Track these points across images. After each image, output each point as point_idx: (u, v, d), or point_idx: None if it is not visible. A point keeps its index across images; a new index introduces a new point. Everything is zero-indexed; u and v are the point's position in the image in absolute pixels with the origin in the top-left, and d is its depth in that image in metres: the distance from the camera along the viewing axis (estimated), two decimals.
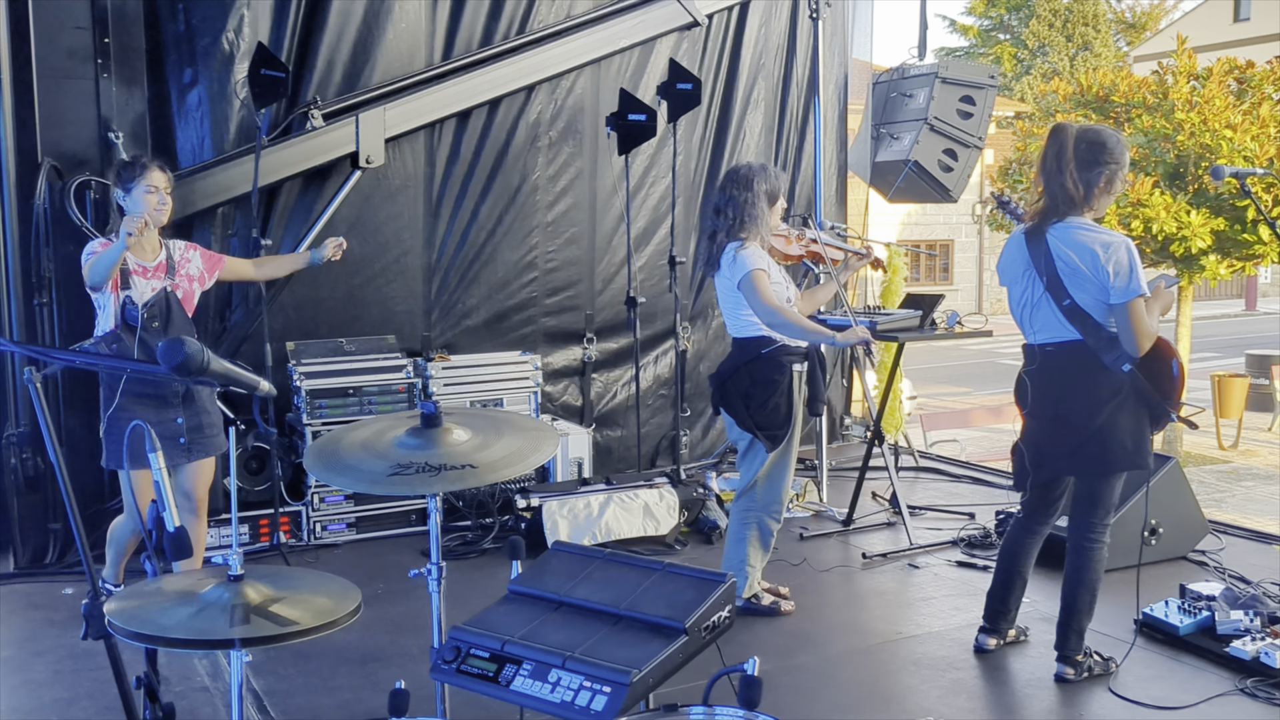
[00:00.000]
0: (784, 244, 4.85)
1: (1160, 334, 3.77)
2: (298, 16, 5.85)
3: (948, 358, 21.81)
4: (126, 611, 2.04)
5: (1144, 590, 4.29)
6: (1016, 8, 44.23)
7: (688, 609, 2.19)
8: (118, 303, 4.33)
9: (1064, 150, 3.74)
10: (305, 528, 5.73)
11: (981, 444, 12.22)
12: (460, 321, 6.54)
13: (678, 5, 6.89)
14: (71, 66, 5.46)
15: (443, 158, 6.36)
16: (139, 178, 4.33)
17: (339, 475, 2.41)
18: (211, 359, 1.93)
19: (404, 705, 2.34)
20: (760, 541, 4.56)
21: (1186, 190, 11.26)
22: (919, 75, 7.12)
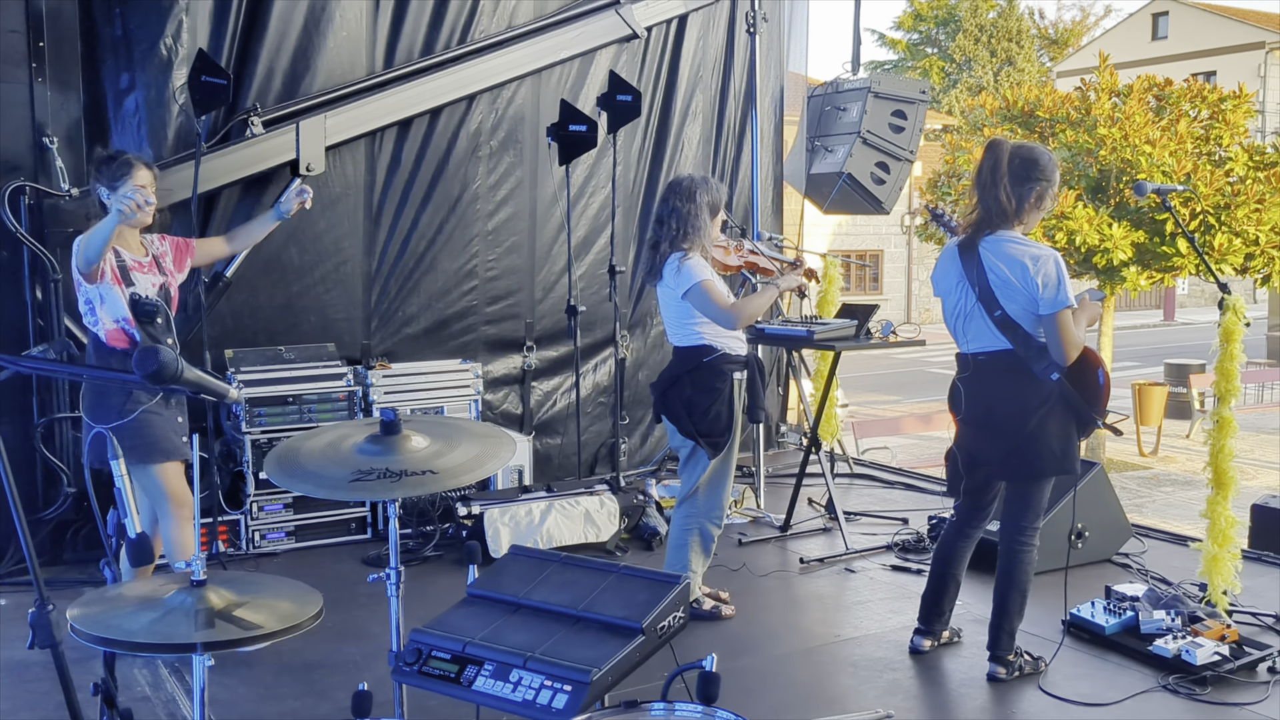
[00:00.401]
0: (723, 255, 4.95)
1: (1087, 344, 3.92)
2: (237, 23, 5.82)
3: (878, 366, 22.15)
4: (89, 617, 2.05)
5: (1071, 592, 4.44)
6: (943, 22, 45.11)
7: (644, 610, 2.26)
8: (125, 296, 4.23)
9: (999, 164, 3.88)
10: (244, 536, 5.69)
11: (912, 451, 12.45)
12: (400, 329, 6.54)
13: (617, 18, 6.96)
14: (4, 70, 5.38)
15: (383, 166, 6.37)
16: (126, 176, 4.24)
17: (300, 481, 2.44)
18: (185, 367, 1.95)
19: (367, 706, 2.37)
20: (702, 547, 4.63)
21: (1108, 203, 11.60)
22: (852, 89, 7.28)
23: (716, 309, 4.40)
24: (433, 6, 6.38)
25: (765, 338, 5.88)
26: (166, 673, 4.20)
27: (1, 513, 5.44)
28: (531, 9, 6.76)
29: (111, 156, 4.33)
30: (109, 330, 4.26)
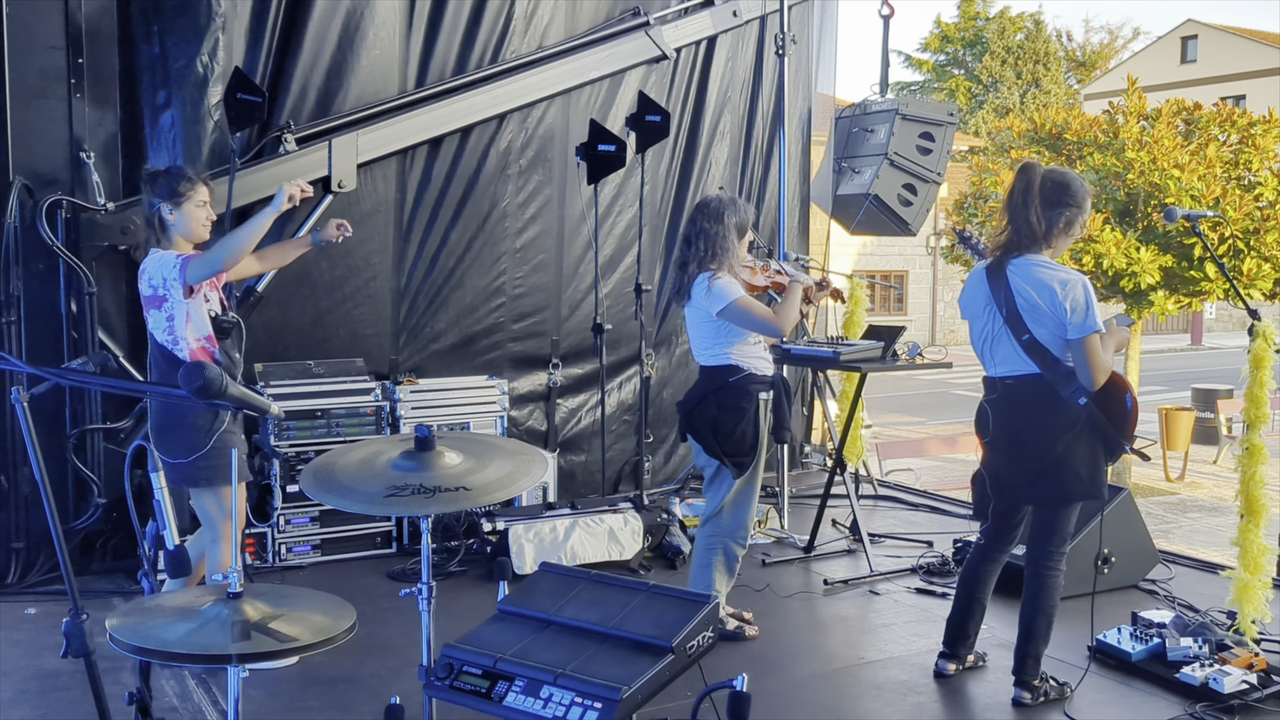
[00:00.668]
0: (750, 275, 4.95)
1: (1115, 369, 3.91)
2: (272, 41, 5.90)
3: (902, 387, 22.09)
4: (128, 626, 2.09)
5: (1097, 617, 4.42)
6: (970, 44, 45.11)
7: (674, 629, 2.27)
8: (207, 310, 4.21)
9: (1031, 187, 3.89)
10: (270, 549, 5.74)
11: (936, 473, 12.41)
12: (428, 345, 6.59)
13: (647, 39, 7.02)
14: (44, 86, 5.47)
15: (414, 184, 6.43)
16: (191, 192, 4.22)
17: (336, 496, 2.47)
18: (229, 382, 1.99)
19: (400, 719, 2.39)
20: (726, 567, 4.64)
21: (1136, 227, 11.56)
22: (880, 111, 7.30)
23: (759, 320, 4.43)
24: (465, 26, 6.45)
25: (791, 358, 5.89)
26: (194, 684, 4.24)
27: (32, 523, 5.54)
28: (563, 29, 6.83)
29: (171, 171, 4.32)
30: (194, 349, 4.19)
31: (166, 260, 4.15)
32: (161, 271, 4.13)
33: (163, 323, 4.16)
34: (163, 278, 4.13)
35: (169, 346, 4.17)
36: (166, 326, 4.16)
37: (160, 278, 4.13)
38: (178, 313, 4.15)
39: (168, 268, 4.13)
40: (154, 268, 4.16)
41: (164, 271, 4.13)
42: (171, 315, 4.15)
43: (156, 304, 4.16)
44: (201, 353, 4.21)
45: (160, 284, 4.13)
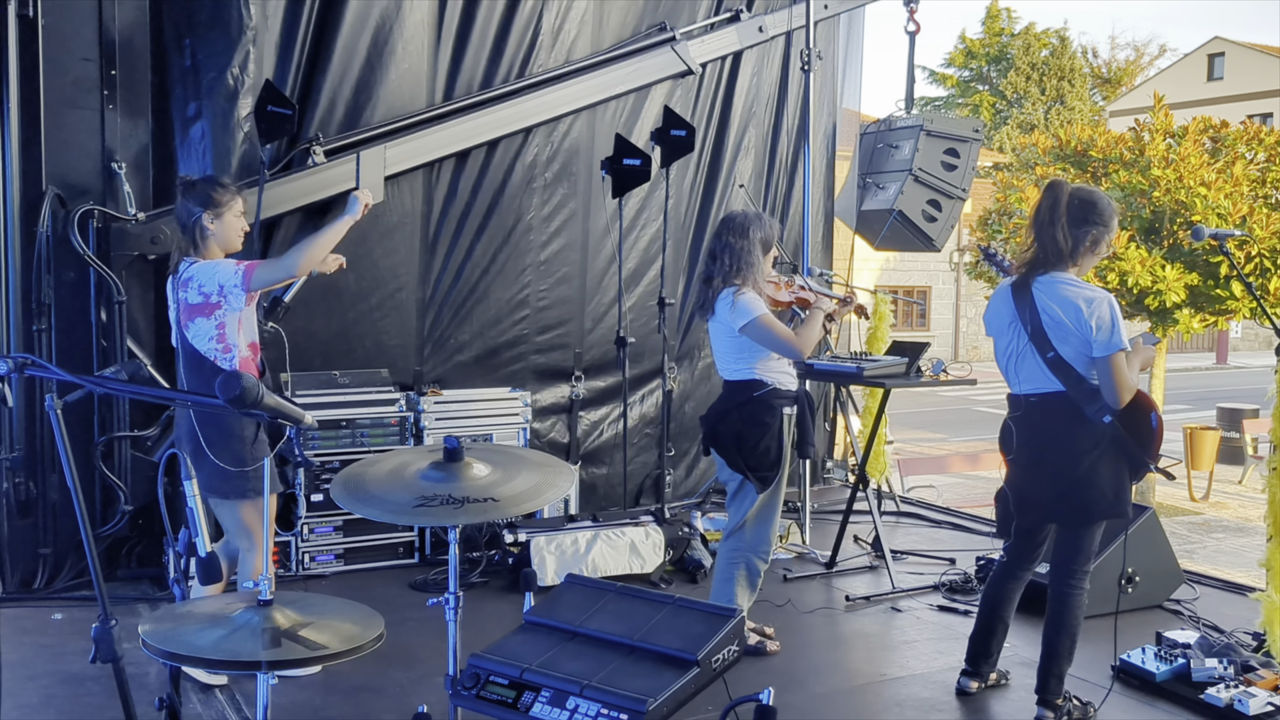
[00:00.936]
0: (775, 290, 4.96)
1: (1140, 388, 3.90)
2: (302, 55, 5.96)
3: (924, 403, 22.01)
4: (160, 632, 2.11)
5: (1121, 637, 4.40)
6: (995, 60, 45.02)
7: (699, 641, 2.28)
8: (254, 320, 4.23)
9: (1058, 205, 3.89)
10: (294, 558, 5.77)
11: (958, 490, 12.34)
12: (452, 357, 6.62)
13: (673, 54, 7.05)
14: (78, 97, 5.55)
15: (440, 196, 6.47)
16: (231, 202, 4.23)
17: (366, 505, 2.49)
18: (265, 392, 2.02)
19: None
20: (748, 581, 4.63)
21: (1162, 245, 11.49)
22: (905, 127, 7.31)
23: (779, 340, 4.43)
24: (493, 41, 6.50)
25: (814, 373, 5.90)
26: (218, 691, 4.27)
27: (59, 529, 5.59)
28: (589, 44, 6.87)
29: (210, 180, 4.31)
30: (243, 357, 4.18)
31: (224, 268, 4.13)
32: (218, 279, 4.10)
33: (211, 330, 4.12)
34: (218, 284, 4.09)
35: (212, 355, 4.13)
36: (215, 334, 4.13)
37: (215, 285, 4.10)
38: (229, 320, 4.13)
39: (227, 275, 4.10)
40: (206, 276, 4.12)
41: (221, 279, 4.10)
42: (223, 323, 4.12)
43: (205, 311, 4.12)
44: (249, 362, 4.21)
45: (215, 291, 4.10)
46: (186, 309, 4.13)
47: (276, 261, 4.27)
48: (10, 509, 5.42)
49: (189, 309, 4.13)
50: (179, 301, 4.16)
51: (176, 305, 4.18)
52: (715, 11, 7.37)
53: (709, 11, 7.34)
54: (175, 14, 5.75)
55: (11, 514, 5.43)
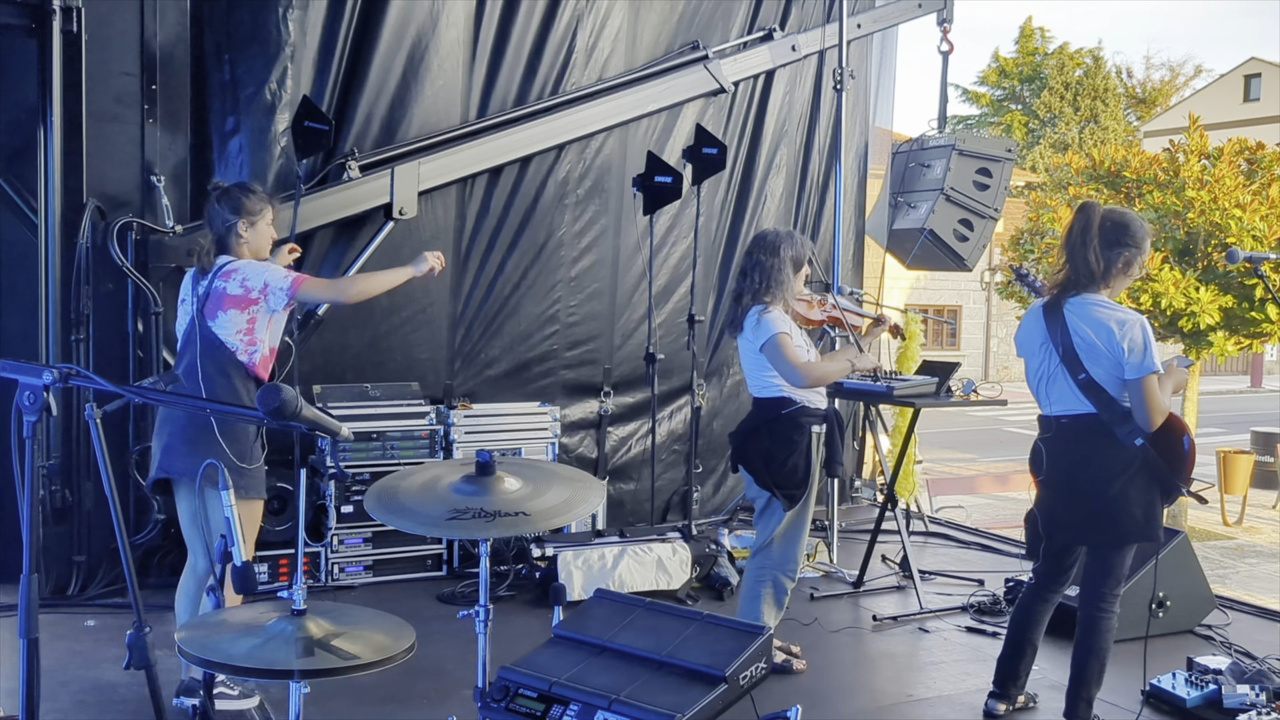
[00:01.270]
0: (806, 309, 4.97)
1: (1172, 410, 3.88)
2: (339, 71, 6.04)
3: (954, 423, 21.89)
4: (195, 639, 2.14)
5: (1151, 662, 4.36)
6: (1029, 79, 44.87)
7: (728, 658, 2.29)
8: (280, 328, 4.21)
9: (1090, 227, 3.88)
10: (323, 569, 5.81)
11: (987, 511, 12.27)
12: (482, 371, 6.66)
13: (705, 72, 7.09)
14: (119, 111, 5.64)
15: (473, 211, 6.53)
16: (265, 210, 4.22)
17: (398, 517, 2.52)
18: (303, 404, 2.05)
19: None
20: (775, 599, 4.63)
21: (1196, 267, 11.41)
22: (937, 147, 7.32)
23: (786, 364, 4.43)
24: (527, 59, 6.56)
25: (844, 392, 5.89)
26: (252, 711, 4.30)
27: (94, 537, 5.65)
28: (622, 62, 6.92)
29: (245, 187, 4.26)
30: (265, 355, 4.16)
31: (275, 271, 4.13)
32: (265, 278, 4.08)
33: (240, 323, 4.07)
34: (264, 282, 4.07)
35: (235, 348, 4.08)
36: (244, 327, 4.08)
37: (261, 282, 4.07)
38: (261, 317, 4.10)
39: (276, 277, 4.09)
40: (253, 272, 4.09)
41: (269, 278, 4.08)
42: (254, 319, 4.09)
43: (241, 305, 4.07)
44: (267, 361, 4.20)
45: (258, 287, 4.07)
46: (219, 298, 4.07)
47: (329, 283, 4.34)
48: (46, 516, 5.49)
49: (223, 298, 4.07)
50: (210, 292, 4.08)
51: (202, 297, 4.09)
52: (748, 30, 7.41)
53: (742, 30, 7.38)
54: (215, 29, 5.84)
55: (47, 521, 5.49)
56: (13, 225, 5.61)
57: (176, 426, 4.09)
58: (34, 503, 2.09)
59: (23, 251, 5.54)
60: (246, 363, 4.11)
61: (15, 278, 5.60)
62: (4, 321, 5.66)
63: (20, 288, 5.56)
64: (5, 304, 5.67)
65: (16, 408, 2.12)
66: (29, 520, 2.10)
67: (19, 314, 5.58)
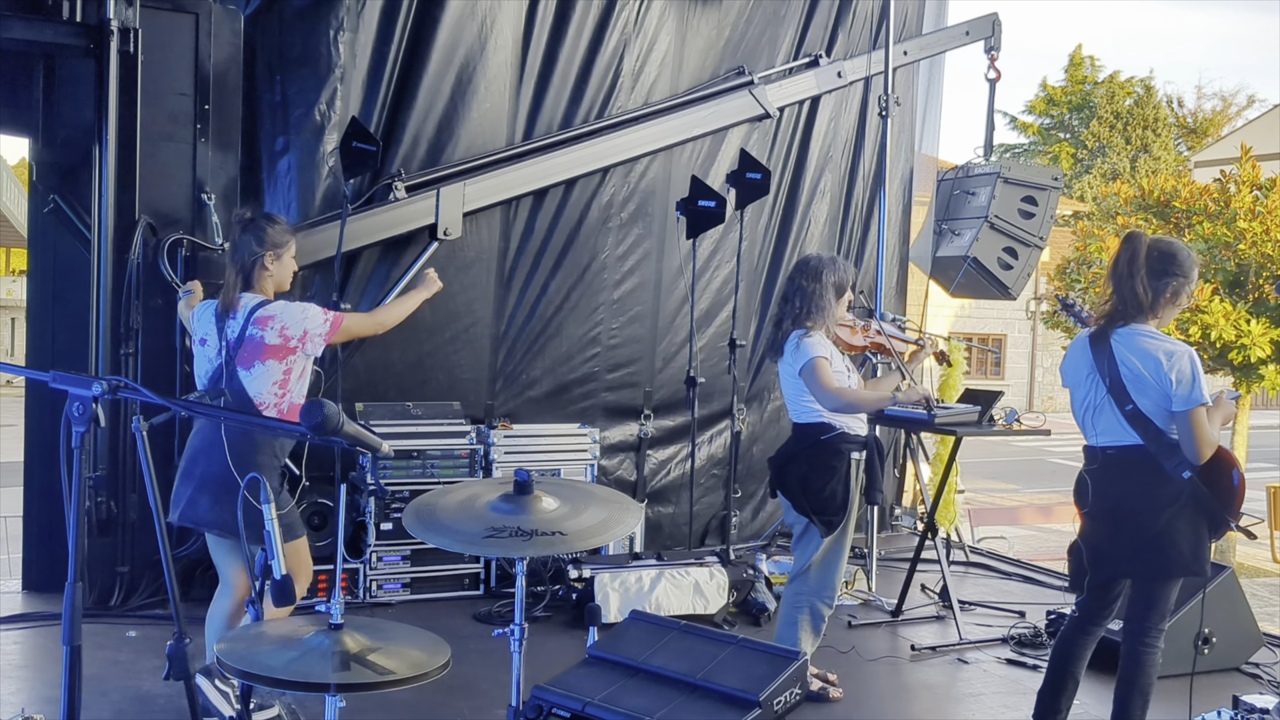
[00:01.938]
0: (849, 334, 4.95)
1: (1221, 444, 3.82)
2: (388, 92, 6.12)
3: (997, 453, 21.67)
4: (234, 652, 2.16)
5: (1196, 699, 4.28)
6: (1077, 108, 44.55)
7: (762, 683, 2.28)
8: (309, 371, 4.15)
9: (1136, 256, 3.85)
10: (362, 585, 5.85)
11: (1030, 543, 12.11)
12: (523, 392, 6.69)
13: (750, 98, 7.10)
14: (172, 130, 5.74)
15: (517, 233, 6.58)
16: (290, 243, 4.15)
17: (436, 535, 2.53)
18: (345, 420, 2.07)
19: None
20: (812, 626, 4.59)
21: (1247, 299, 11.26)
22: (982, 174, 7.28)
23: (822, 388, 4.41)
24: (574, 82, 6.62)
25: (885, 419, 5.85)
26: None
27: (137, 548, 5.72)
28: (668, 87, 6.96)
29: (268, 218, 4.18)
30: (294, 404, 4.04)
31: (314, 314, 4.03)
32: (304, 324, 3.99)
33: (277, 374, 3.98)
34: (303, 329, 3.98)
35: (266, 403, 3.97)
36: (280, 379, 3.99)
37: (300, 329, 3.98)
38: (297, 367, 4.03)
39: (315, 322, 4.01)
40: (292, 319, 3.99)
41: (307, 324, 4.00)
42: (290, 369, 4.01)
43: (279, 355, 3.97)
44: (295, 411, 4.01)
45: (298, 335, 3.97)
46: (256, 347, 3.95)
47: (368, 318, 4.46)
48: (91, 527, 5.57)
49: (261, 348, 3.95)
50: (244, 339, 3.95)
51: (233, 344, 3.96)
52: (794, 56, 7.42)
53: (788, 56, 7.39)
54: (267, 51, 5.94)
55: (92, 532, 5.57)
56: (67, 241, 5.72)
57: (208, 479, 3.95)
58: (80, 512, 2.12)
59: (76, 267, 5.65)
60: (276, 414, 3.98)
61: (68, 293, 5.71)
62: (56, 335, 5.76)
63: (73, 302, 5.66)
64: (58, 318, 5.77)
65: (66, 418, 2.15)
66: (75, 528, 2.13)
67: (71, 328, 5.68)
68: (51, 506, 5.55)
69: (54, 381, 2.25)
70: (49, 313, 5.79)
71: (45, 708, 4.25)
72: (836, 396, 4.41)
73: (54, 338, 5.76)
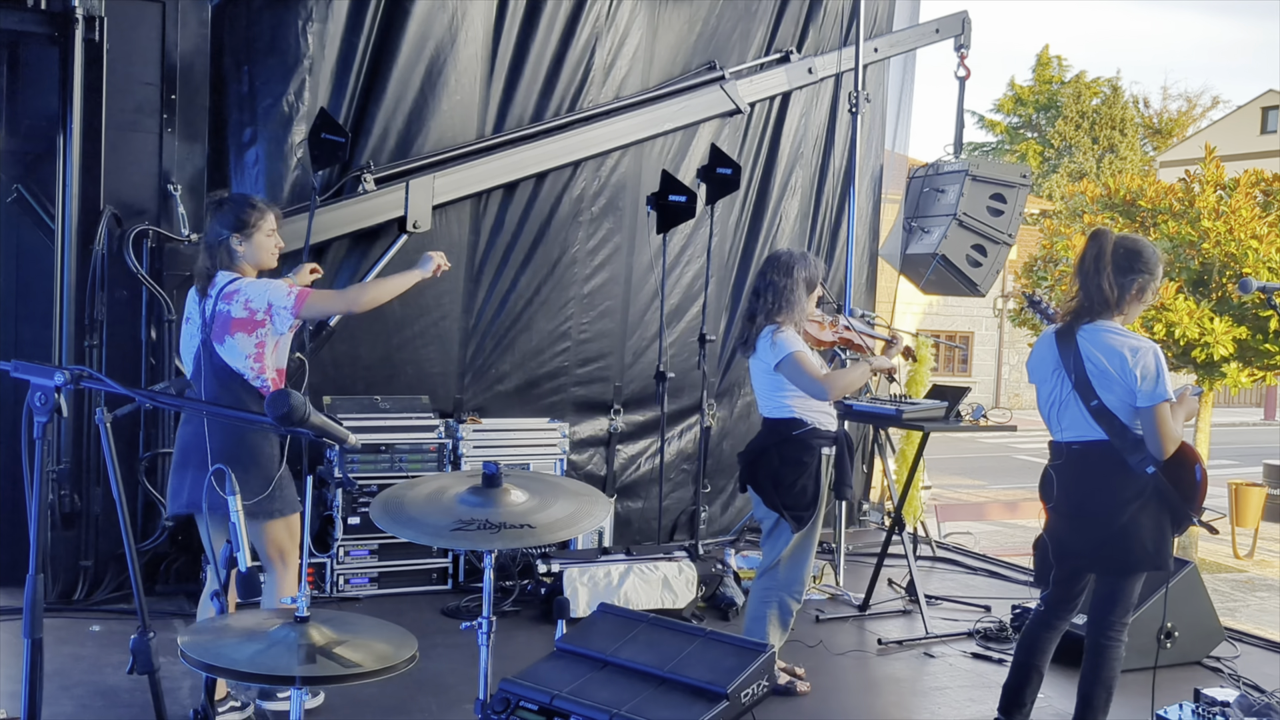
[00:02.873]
0: (818, 330, 4.97)
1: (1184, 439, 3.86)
2: (357, 84, 6.07)
3: (963, 450, 21.81)
4: (199, 644, 2.14)
5: (1158, 693, 4.32)
6: (1045, 107, 44.88)
7: (730, 675, 2.28)
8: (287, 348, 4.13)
9: (1103, 254, 3.88)
10: (329, 580, 5.81)
11: (995, 538, 12.20)
12: (492, 386, 6.67)
13: (722, 93, 7.11)
14: (138, 120, 5.68)
15: (487, 227, 6.55)
16: (260, 221, 4.08)
17: (403, 527, 2.52)
18: (312, 411, 2.05)
19: None
20: (780, 620, 4.61)
21: (1210, 297, 11.39)
22: (951, 172, 7.31)
23: (809, 379, 4.43)
24: (545, 76, 6.60)
25: (853, 414, 5.88)
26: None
27: (101, 542, 5.66)
28: (639, 81, 6.95)
29: (236, 200, 4.19)
30: (273, 378, 4.05)
31: (277, 289, 4.01)
32: (268, 297, 3.98)
33: (249, 348, 3.98)
34: (268, 303, 3.98)
35: (246, 373, 4.00)
36: (253, 353, 3.99)
37: (265, 303, 3.98)
38: (269, 341, 4.01)
39: (279, 296, 3.98)
40: (256, 293, 4.00)
41: (271, 297, 3.98)
42: (262, 342, 3.99)
43: (248, 328, 3.98)
44: (277, 385, 4.09)
45: (263, 309, 3.97)
46: (225, 322, 3.97)
47: (337, 295, 4.26)
48: (54, 521, 5.50)
49: (229, 322, 3.97)
50: (215, 315, 3.99)
51: (208, 318, 4.01)
52: (765, 52, 7.43)
53: (759, 52, 7.40)
54: (235, 41, 5.89)
55: (55, 525, 5.51)
56: (30, 231, 5.65)
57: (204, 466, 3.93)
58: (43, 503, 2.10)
59: (39, 257, 5.58)
60: (260, 387, 4.01)
61: (31, 283, 5.64)
62: (19, 326, 5.69)
63: (36, 293, 5.59)
64: (21, 309, 5.70)
65: (28, 408, 2.13)
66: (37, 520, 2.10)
67: (34, 319, 5.61)
68: (13, 498, 5.47)
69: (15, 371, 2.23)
70: (12, 304, 5.71)
71: (6, 702, 4.20)
72: (825, 384, 4.43)
73: (17, 329, 5.68)
